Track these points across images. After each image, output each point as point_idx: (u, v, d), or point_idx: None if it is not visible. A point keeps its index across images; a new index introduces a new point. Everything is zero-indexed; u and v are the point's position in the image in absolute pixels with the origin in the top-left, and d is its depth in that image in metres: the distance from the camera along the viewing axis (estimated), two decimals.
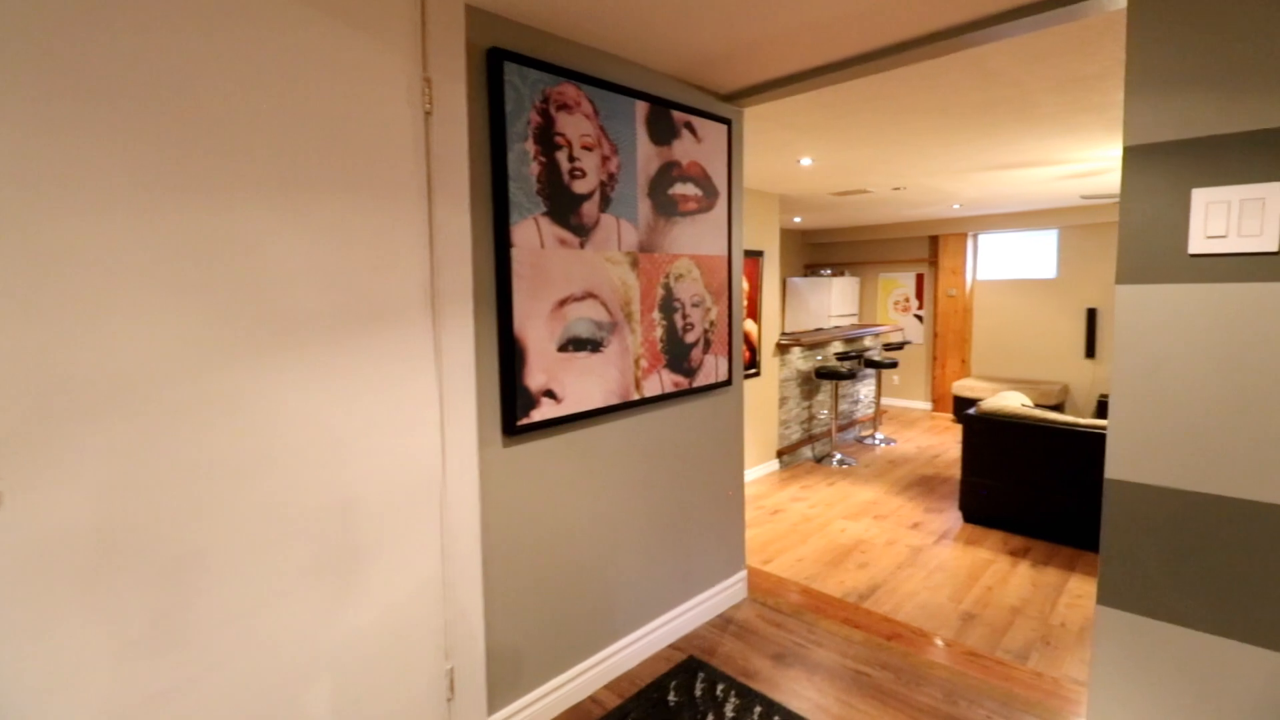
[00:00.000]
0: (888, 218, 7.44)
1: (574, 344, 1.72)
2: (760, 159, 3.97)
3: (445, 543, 1.51)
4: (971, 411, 4.24)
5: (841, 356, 5.71)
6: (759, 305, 5.16)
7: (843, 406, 6.39)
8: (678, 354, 2.02)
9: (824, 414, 6.04)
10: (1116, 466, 1.34)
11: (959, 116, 3.02)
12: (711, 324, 2.18)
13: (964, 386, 7.31)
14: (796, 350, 5.59)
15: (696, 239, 2.07)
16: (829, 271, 8.46)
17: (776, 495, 4.81)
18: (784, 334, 5.82)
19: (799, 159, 3.96)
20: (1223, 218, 1.17)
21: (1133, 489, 1.31)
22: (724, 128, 2.21)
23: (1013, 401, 4.37)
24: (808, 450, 5.81)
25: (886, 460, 5.76)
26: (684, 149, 2.03)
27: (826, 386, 6.03)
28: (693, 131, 2.07)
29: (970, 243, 7.63)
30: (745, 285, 5.00)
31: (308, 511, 1.31)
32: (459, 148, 1.48)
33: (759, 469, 5.29)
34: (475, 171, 1.55)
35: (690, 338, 2.07)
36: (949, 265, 7.71)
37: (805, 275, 8.84)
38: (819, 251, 9.07)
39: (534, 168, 1.61)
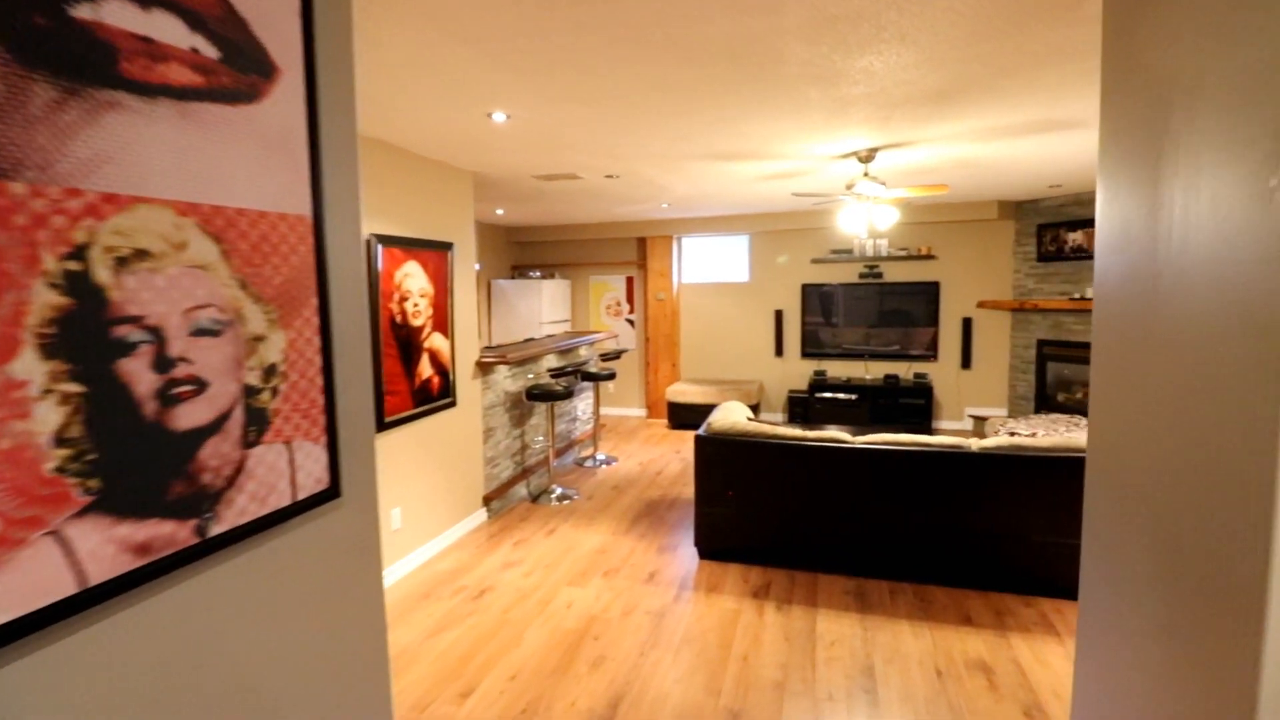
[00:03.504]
0: (598, 216, 6.87)
1: None
2: (438, 106, 2.77)
3: None
4: (701, 432, 3.70)
5: (556, 372, 4.84)
6: (450, 313, 3.94)
7: (560, 427, 5.54)
8: (145, 462, 0.73)
9: (540, 440, 5.09)
10: None
11: (697, 66, 2.28)
12: (273, 372, 0.95)
13: (676, 391, 7.15)
14: (503, 369, 4.51)
15: (205, 165, 0.81)
16: (539, 274, 7.62)
17: (483, 565, 3.66)
18: (487, 349, 4.70)
19: (490, 112, 2.87)
20: None
21: None
22: None
23: (738, 415, 3.97)
24: (522, 488, 4.79)
25: (610, 485, 5.07)
26: None
27: (541, 408, 5.09)
28: None
29: (675, 246, 7.54)
30: (430, 288, 3.74)
31: None
32: None
33: (460, 526, 4.08)
34: None
35: (193, 416, 0.81)
36: (657, 268, 7.51)
37: (513, 277, 7.86)
38: (527, 251, 8.18)
39: None
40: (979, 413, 6.80)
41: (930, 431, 6.63)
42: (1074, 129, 3.32)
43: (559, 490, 4.79)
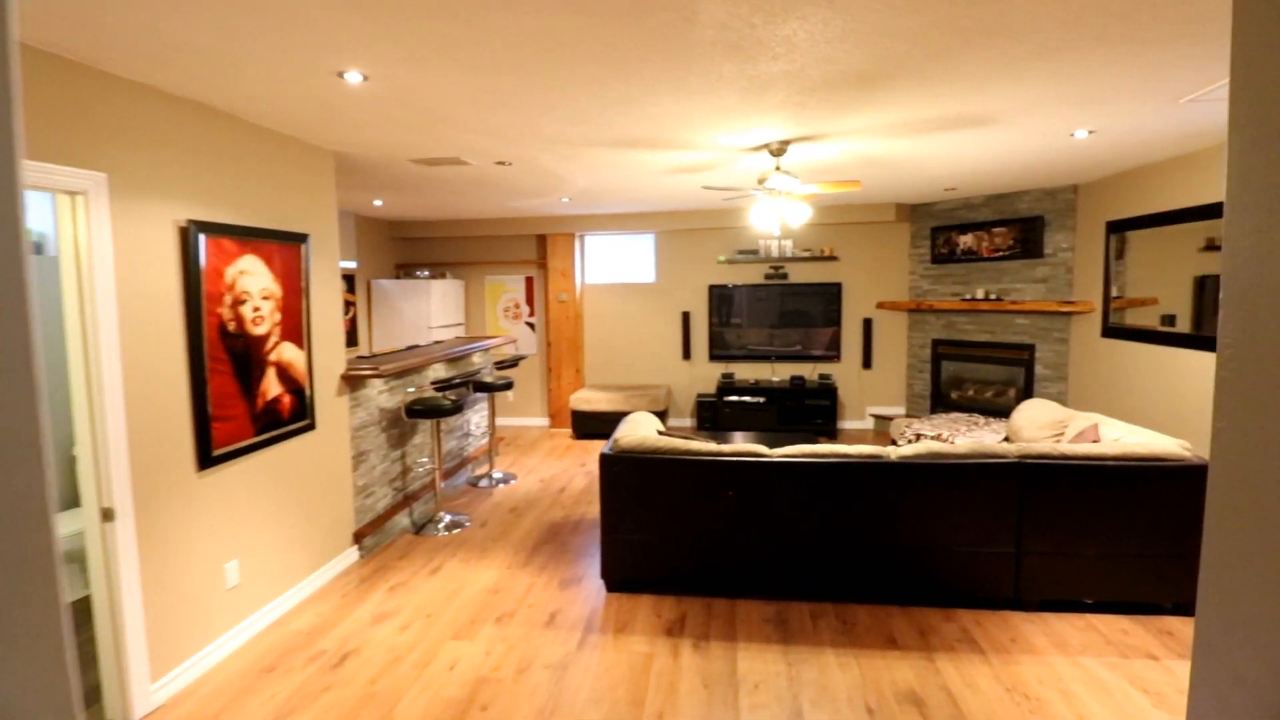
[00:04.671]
0: (492, 210, 6.31)
1: None
2: (270, 57, 2.18)
3: None
4: (607, 451, 3.30)
5: (442, 385, 4.27)
6: (306, 319, 3.30)
7: (450, 444, 4.96)
8: None
9: (425, 462, 4.50)
10: None
11: (595, 21, 1.88)
12: None
13: (581, 399, 6.73)
14: (377, 383, 3.90)
15: None
16: (427, 273, 6.93)
17: (349, 620, 3.06)
18: (360, 359, 4.06)
19: (340, 69, 2.32)
20: None
21: None
22: None
23: (647, 428, 3.62)
24: (404, 518, 4.19)
25: (508, 508, 4.57)
26: None
27: (426, 425, 4.50)
28: None
29: (578, 244, 7.11)
30: (276, 289, 3.09)
31: None
32: None
33: (324, 572, 3.44)
34: None
35: None
36: (558, 267, 7.05)
37: (397, 277, 7.12)
38: (414, 248, 7.45)
39: None
40: (880, 412, 6.89)
41: (835, 432, 6.63)
42: (983, 126, 3.24)
43: (448, 518, 4.23)
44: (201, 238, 2.65)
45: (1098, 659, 2.66)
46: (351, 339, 6.35)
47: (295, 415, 3.20)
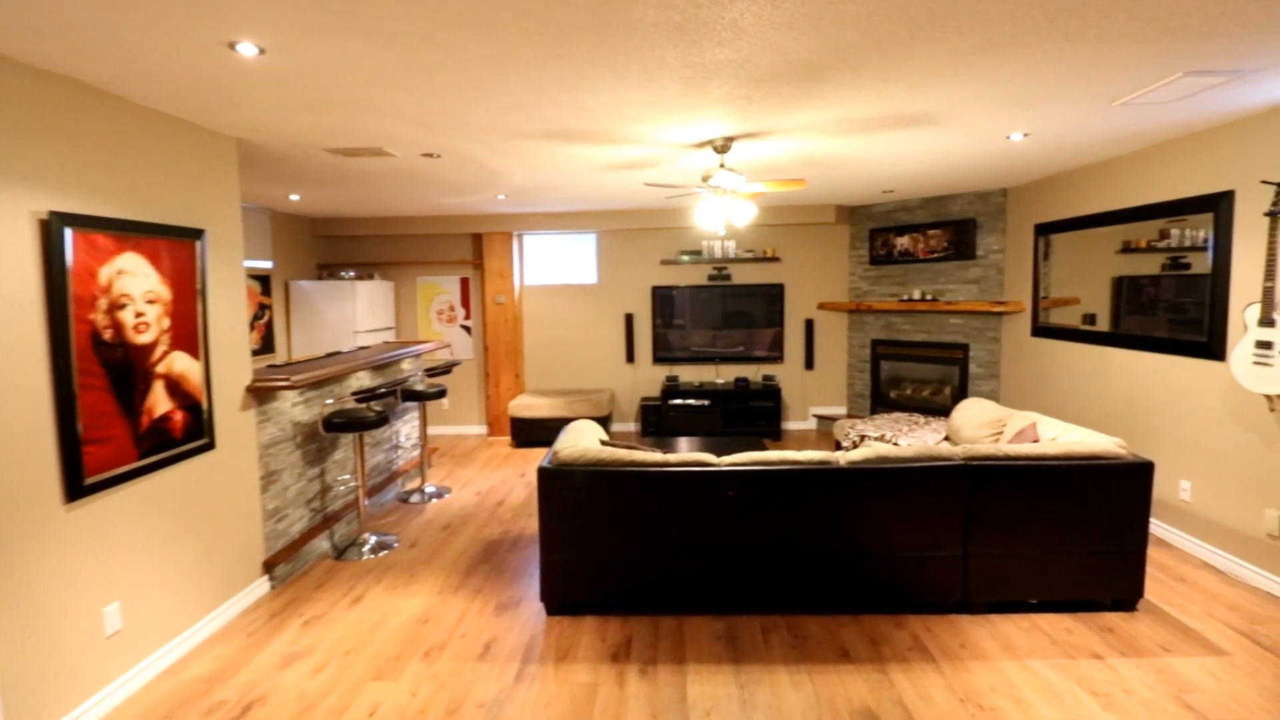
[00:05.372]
0: (423, 207, 5.96)
1: None
2: (148, 24, 1.87)
3: None
4: (546, 464, 3.09)
5: (365, 395, 3.94)
6: (202, 325, 2.93)
7: (376, 458, 4.61)
8: None
9: (347, 479, 4.15)
10: None
11: None
12: None
13: (520, 406, 6.46)
14: (290, 395, 3.54)
15: None
16: (352, 274, 6.49)
17: (255, 663, 2.73)
18: (271, 368, 3.69)
19: (232, 40, 2.03)
20: None
21: None
22: None
23: (589, 438, 3.42)
24: (324, 541, 3.83)
25: (440, 526, 4.27)
26: None
27: (348, 439, 4.15)
28: None
29: (516, 243, 6.83)
30: (165, 291, 2.72)
31: None
32: None
33: (227, 609, 3.07)
34: None
35: None
36: (496, 268, 6.75)
37: (319, 278, 6.65)
38: (337, 247, 6.98)
39: None
40: (823, 412, 6.93)
41: (780, 434, 6.61)
42: (924, 126, 3.21)
43: (373, 539, 3.90)
44: (68, 232, 2.28)
45: (1045, 660, 2.64)
46: (268, 345, 5.87)
47: (190, 434, 2.84)
